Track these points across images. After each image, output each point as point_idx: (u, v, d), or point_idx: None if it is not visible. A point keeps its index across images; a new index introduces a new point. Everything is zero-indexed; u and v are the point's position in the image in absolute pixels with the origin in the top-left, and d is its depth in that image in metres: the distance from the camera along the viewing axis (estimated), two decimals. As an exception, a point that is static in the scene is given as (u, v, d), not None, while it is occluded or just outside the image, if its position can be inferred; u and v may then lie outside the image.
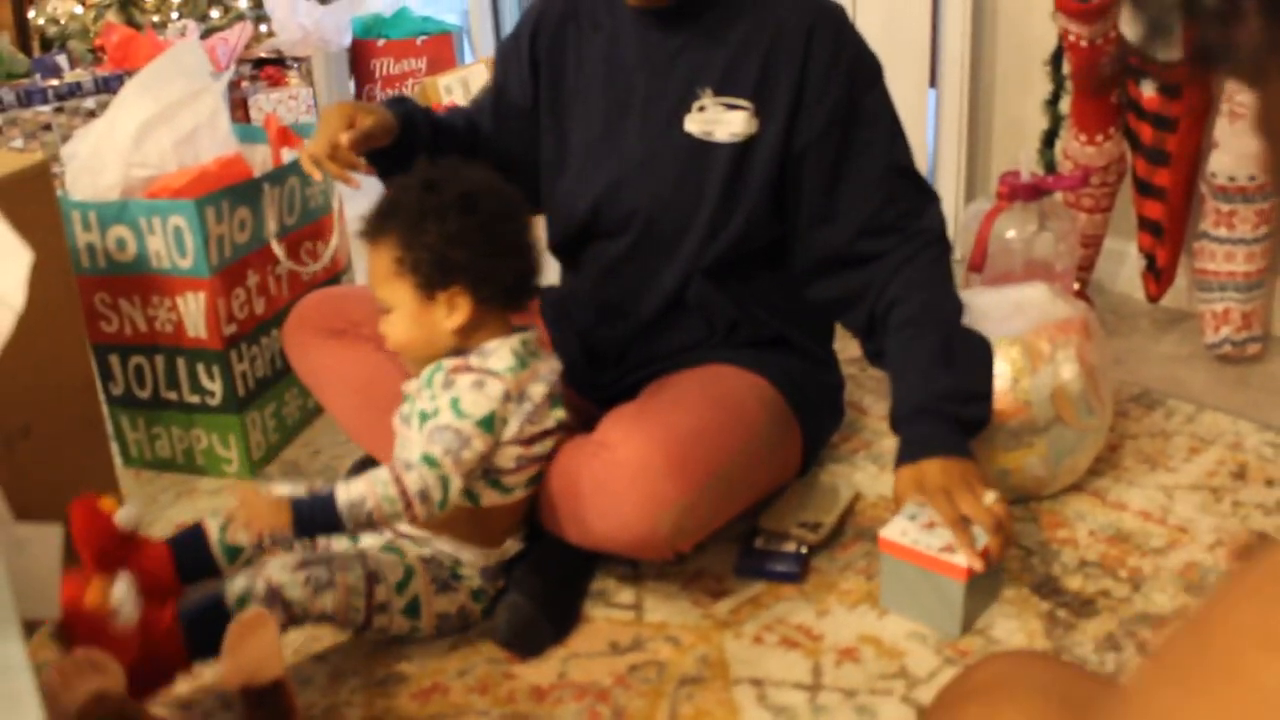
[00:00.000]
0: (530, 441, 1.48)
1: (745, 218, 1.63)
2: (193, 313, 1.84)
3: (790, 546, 1.62)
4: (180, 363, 1.90)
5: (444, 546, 1.49)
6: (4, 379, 1.53)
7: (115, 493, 1.76)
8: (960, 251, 2.64)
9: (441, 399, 1.44)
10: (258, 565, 1.42)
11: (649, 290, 1.69)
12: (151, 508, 1.88)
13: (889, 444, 1.89)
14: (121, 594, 1.30)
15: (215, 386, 1.89)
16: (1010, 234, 2.05)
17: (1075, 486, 1.74)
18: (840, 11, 1.64)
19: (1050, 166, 2.35)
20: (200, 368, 1.89)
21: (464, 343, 1.48)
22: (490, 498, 1.48)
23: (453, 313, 1.45)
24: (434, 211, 1.43)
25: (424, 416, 1.46)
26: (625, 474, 1.42)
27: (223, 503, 1.87)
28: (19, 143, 3.57)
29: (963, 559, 1.42)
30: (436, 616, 1.48)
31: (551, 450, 1.52)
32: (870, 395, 2.06)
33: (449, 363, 1.47)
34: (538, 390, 1.48)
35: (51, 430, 1.61)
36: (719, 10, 1.62)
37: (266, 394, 1.98)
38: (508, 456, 1.46)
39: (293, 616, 1.39)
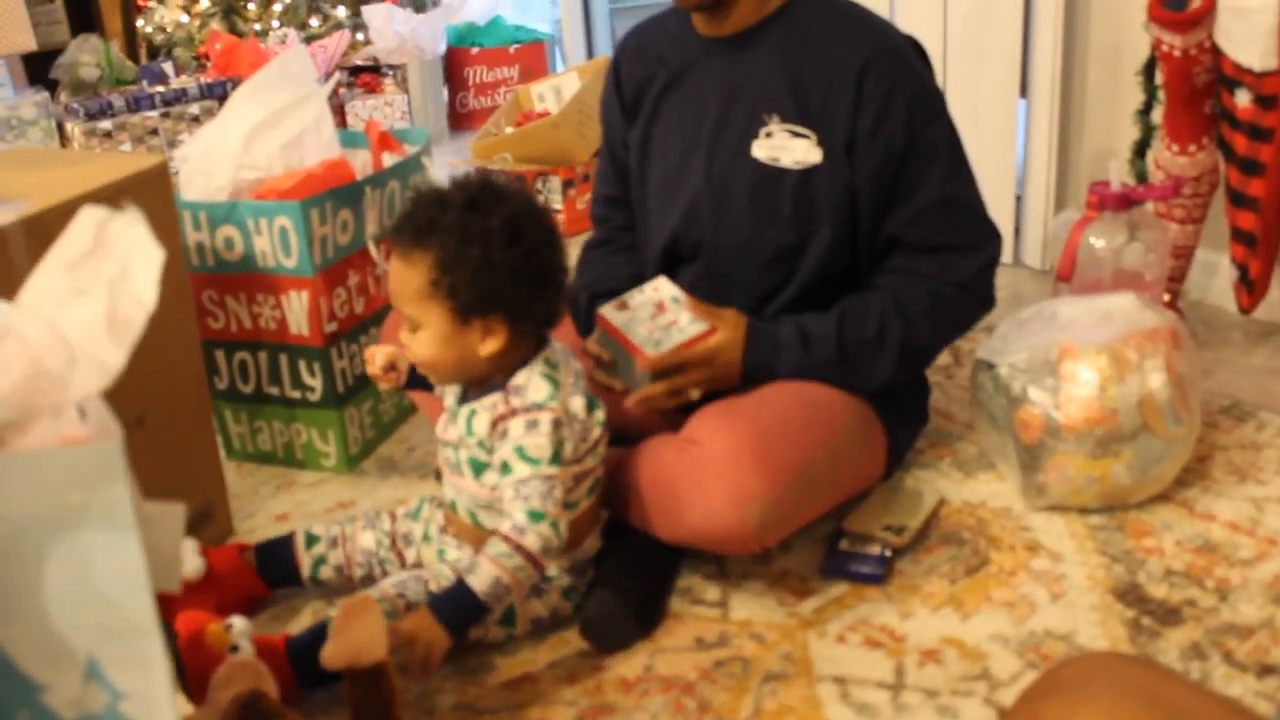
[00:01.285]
0: (582, 458, 1.51)
1: (818, 245, 1.67)
2: (296, 311, 1.91)
3: (875, 549, 1.64)
4: (283, 359, 1.97)
5: None
6: (124, 371, 1.60)
7: (219, 484, 1.83)
8: (1049, 260, 2.64)
9: (504, 451, 1.44)
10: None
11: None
12: (252, 499, 1.95)
13: (973, 451, 1.91)
14: (239, 632, 1.37)
15: (316, 382, 1.96)
16: (1100, 244, 2.05)
17: (1162, 496, 1.74)
18: (899, 47, 1.66)
19: (1141, 177, 2.34)
20: (302, 364, 1.95)
21: (495, 366, 1.47)
22: (565, 517, 1.50)
23: (488, 339, 1.44)
24: (478, 237, 1.39)
25: (476, 465, 1.49)
26: (712, 467, 1.46)
27: (320, 498, 1.94)
28: (127, 146, 3.69)
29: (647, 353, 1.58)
30: (530, 621, 1.52)
31: (601, 453, 1.55)
32: (956, 404, 2.08)
33: (486, 414, 1.47)
34: (577, 403, 1.49)
35: (164, 421, 1.68)
36: (784, 39, 1.66)
37: (364, 391, 2.04)
38: (566, 476, 1.48)
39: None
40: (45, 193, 1.51)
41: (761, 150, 1.66)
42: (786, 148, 1.64)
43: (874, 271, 1.71)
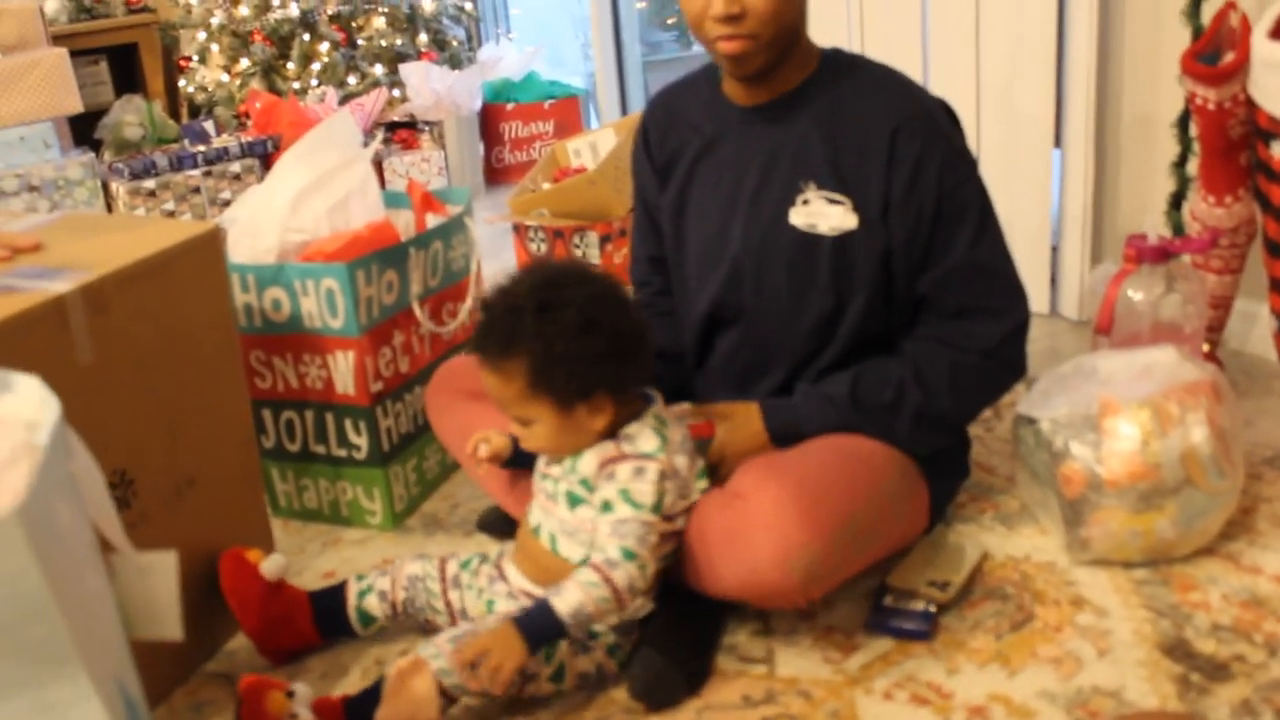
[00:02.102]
0: (674, 517, 1.55)
1: (855, 309, 1.70)
2: (342, 370, 1.94)
3: (919, 604, 1.64)
4: (329, 418, 1.99)
5: None
6: (178, 432, 1.63)
7: (268, 542, 1.86)
8: (1086, 312, 2.65)
9: (608, 491, 1.50)
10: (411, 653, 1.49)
11: (762, 379, 1.77)
12: (299, 557, 1.97)
13: (1016, 505, 1.91)
14: (301, 700, 1.40)
15: (362, 441, 1.98)
16: (1138, 296, 2.06)
17: (1207, 550, 1.73)
18: (929, 110, 1.68)
19: (1178, 228, 2.35)
20: (348, 423, 1.98)
21: (608, 432, 1.54)
22: None
23: (596, 416, 1.51)
24: (558, 334, 1.46)
25: (572, 498, 1.54)
26: (758, 521, 1.48)
27: (366, 554, 1.96)
28: (170, 205, 3.76)
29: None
30: (577, 676, 1.54)
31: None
32: (997, 456, 2.08)
33: (593, 455, 1.53)
34: (682, 462, 1.55)
35: (215, 481, 1.71)
36: (818, 106, 1.68)
37: (409, 449, 2.06)
38: (662, 527, 1.53)
39: (450, 699, 1.45)
40: (102, 260, 1.54)
41: (799, 217, 1.68)
42: (823, 214, 1.67)
43: (904, 337, 1.73)
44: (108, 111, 4.56)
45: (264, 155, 3.92)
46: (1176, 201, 2.36)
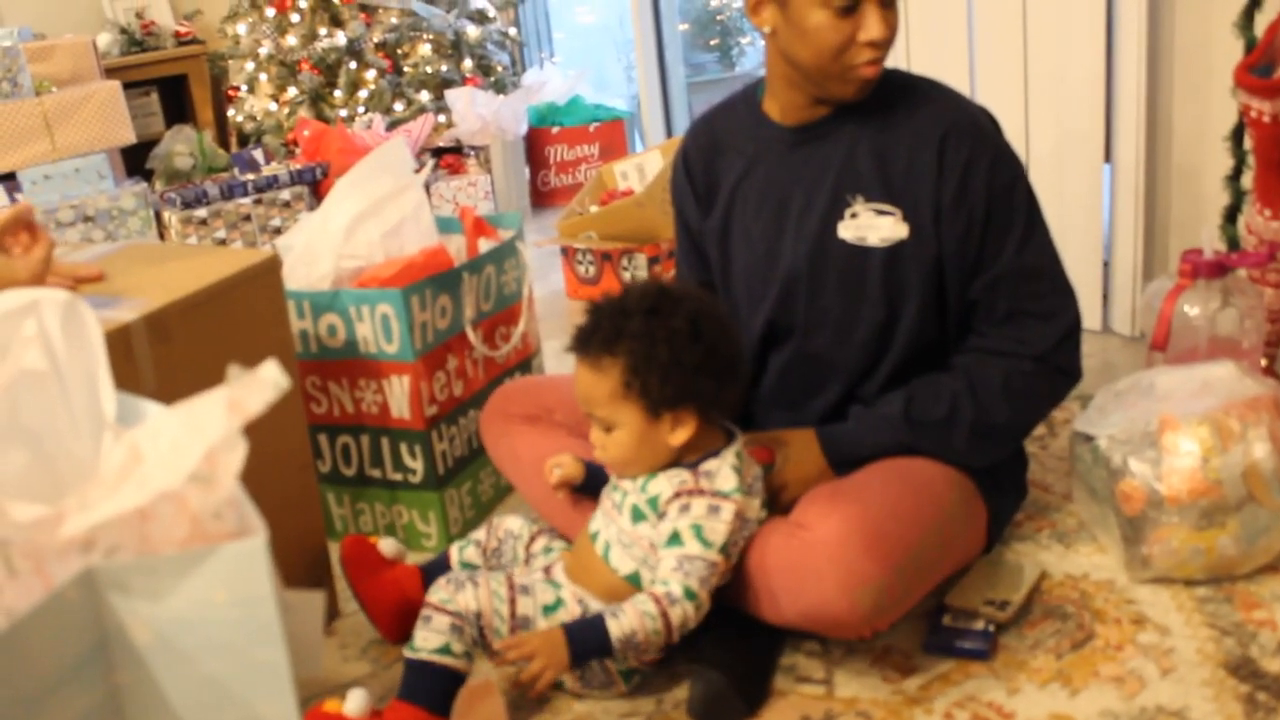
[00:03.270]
0: (733, 555, 1.55)
1: (908, 320, 1.70)
2: (397, 395, 1.96)
3: (979, 624, 1.63)
4: (384, 442, 2.01)
5: (595, 607, 1.57)
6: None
7: (326, 568, 1.87)
8: (1139, 327, 2.62)
9: (680, 523, 1.51)
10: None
11: (818, 396, 1.77)
12: (356, 580, 1.98)
13: (1073, 522, 1.89)
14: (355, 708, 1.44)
15: (417, 465, 2.00)
16: (1194, 312, 2.04)
17: (1271, 567, 1.71)
18: (975, 117, 1.69)
19: (1233, 242, 2.33)
20: (403, 447, 2.00)
21: (685, 455, 1.56)
22: None
23: (678, 429, 1.53)
24: (664, 338, 1.49)
25: (636, 512, 1.55)
26: (824, 553, 1.47)
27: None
28: (222, 233, 3.81)
29: None
30: (580, 679, 1.57)
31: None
32: (1052, 474, 2.06)
33: (667, 481, 1.54)
34: (755, 505, 1.57)
35: (273, 506, 1.70)
36: (862, 120, 1.68)
37: (463, 472, 2.08)
38: (725, 568, 1.55)
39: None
40: (164, 289, 1.57)
41: (848, 231, 1.68)
42: (873, 226, 1.67)
43: (957, 347, 1.73)
44: (159, 142, 4.63)
45: (313, 182, 3.96)
46: (1232, 215, 2.34)
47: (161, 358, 1.52)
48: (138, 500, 0.80)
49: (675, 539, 1.51)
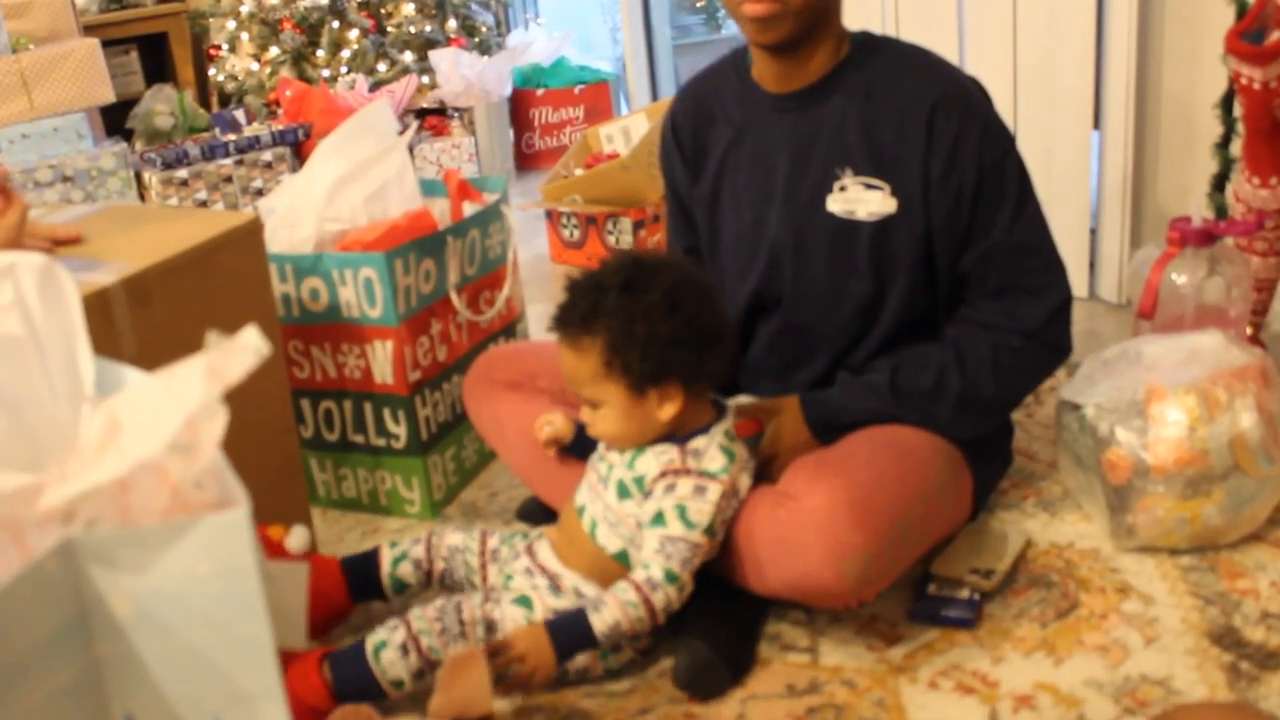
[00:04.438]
0: (718, 533, 1.54)
1: (897, 293, 1.68)
2: (380, 360, 1.94)
3: (964, 593, 1.63)
4: (367, 407, 1.99)
5: (588, 591, 1.55)
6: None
7: (310, 528, 1.86)
8: (1125, 295, 2.62)
9: (664, 503, 1.49)
10: (400, 617, 1.51)
11: (805, 367, 1.77)
12: (338, 546, 1.98)
13: (1058, 490, 1.89)
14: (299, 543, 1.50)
15: (400, 430, 1.98)
16: (1181, 280, 2.04)
17: (1255, 536, 1.71)
18: (965, 88, 1.66)
19: (1221, 210, 2.32)
20: (386, 412, 1.98)
21: (674, 430, 1.53)
22: None
23: (665, 404, 1.50)
24: (641, 313, 1.46)
25: (621, 487, 1.53)
26: (811, 523, 1.46)
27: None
28: (203, 194, 3.77)
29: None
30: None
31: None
32: (1038, 442, 2.06)
33: (655, 459, 1.52)
34: (745, 482, 1.56)
35: (256, 471, 1.69)
36: (851, 91, 1.66)
37: (447, 438, 2.06)
38: (708, 548, 1.53)
39: (429, 664, 1.47)
40: (144, 252, 1.55)
41: (836, 204, 1.67)
42: (861, 200, 1.65)
43: (946, 320, 1.72)
44: (139, 101, 4.59)
45: (295, 143, 3.92)
46: (1220, 183, 2.33)
47: (141, 321, 1.50)
48: (117, 470, 0.79)
49: (659, 519, 1.49)
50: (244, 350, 0.80)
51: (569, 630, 1.45)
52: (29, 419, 1.04)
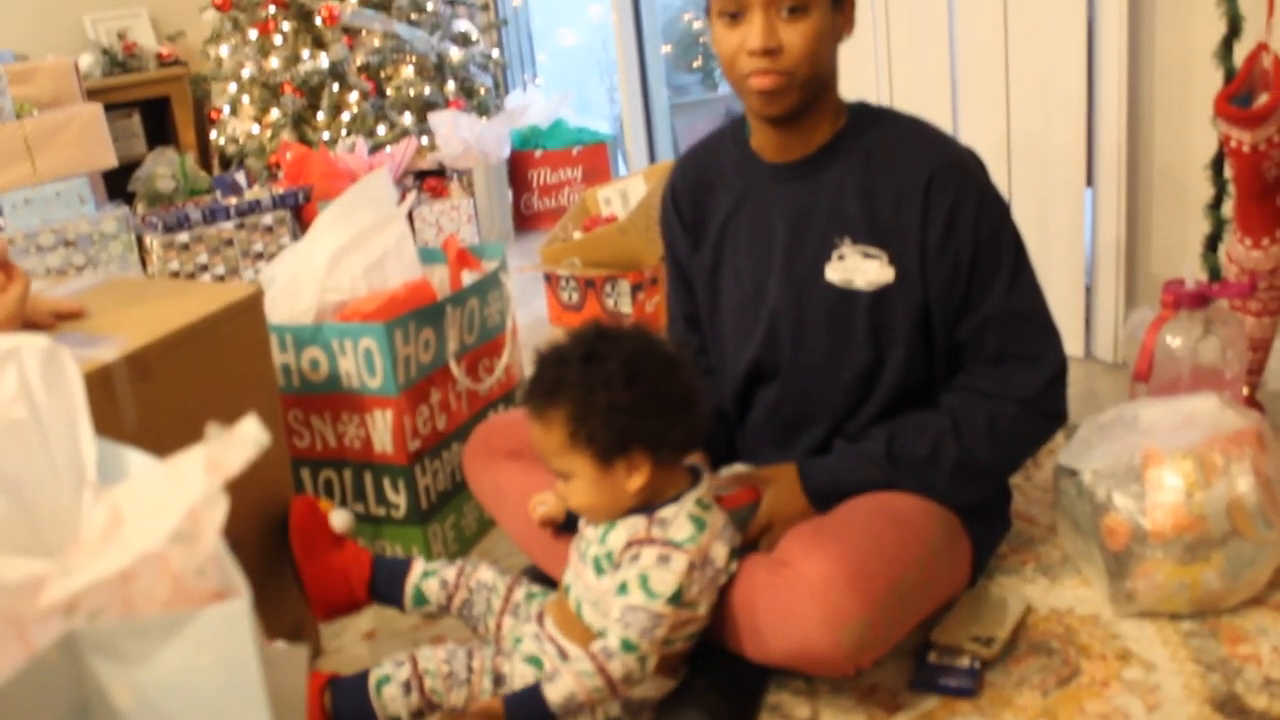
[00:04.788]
0: (698, 603, 1.52)
1: (895, 362, 1.69)
2: (380, 429, 1.95)
3: (964, 661, 1.63)
4: (367, 476, 2.00)
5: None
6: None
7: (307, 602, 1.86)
8: (1121, 355, 2.63)
9: (628, 573, 1.48)
10: (408, 653, 1.54)
11: (804, 435, 1.77)
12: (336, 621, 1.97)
13: (1058, 555, 1.89)
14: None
15: (400, 499, 1.99)
16: (1176, 342, 2.05)
17: (1256, 600, 1.71)
18: (961, 159, 1.68)
19: (1214, 271, 2.34)
20: (386, 481, 1.99)
21: (646, 499, 1.52)
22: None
23: (633, 474, 1.50)
24: (601, 384, 1.46)
25: (598, 564, 1.53)
26: (807, 591, 1.46)
27: (406, 615, 1.96)
28: (204, 257, 3.80)
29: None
30: None
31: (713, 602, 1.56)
32: (1037, 505, 2.06)
33: (625, 531, 1.52)
34: (720, 552, 1.53)
35: (257, 541, 1.72)
36: (849, 161, 1.68)
37: (447, 506, 2.07)
38: (677, 618, 1.50)
39: (430, 705, 1.50)
40: (146, 327, 1.56)
41: (835, 273, 1.68)
42: (859, 269, 1.67)
43: (943, 388, 1.73)
44: (141, 164, 4.62)
45: (295, 207, 3.95)
46: (1212, 243, 2.35)
47: (143, 396, 1.51)
48: (120, 563, 0.79)
49: (623, 588, 1.48)
50: (243, 441, 0.81)
51: (523, 702, 1.44)
52: (31, 501, 1.05)
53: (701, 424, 1.55)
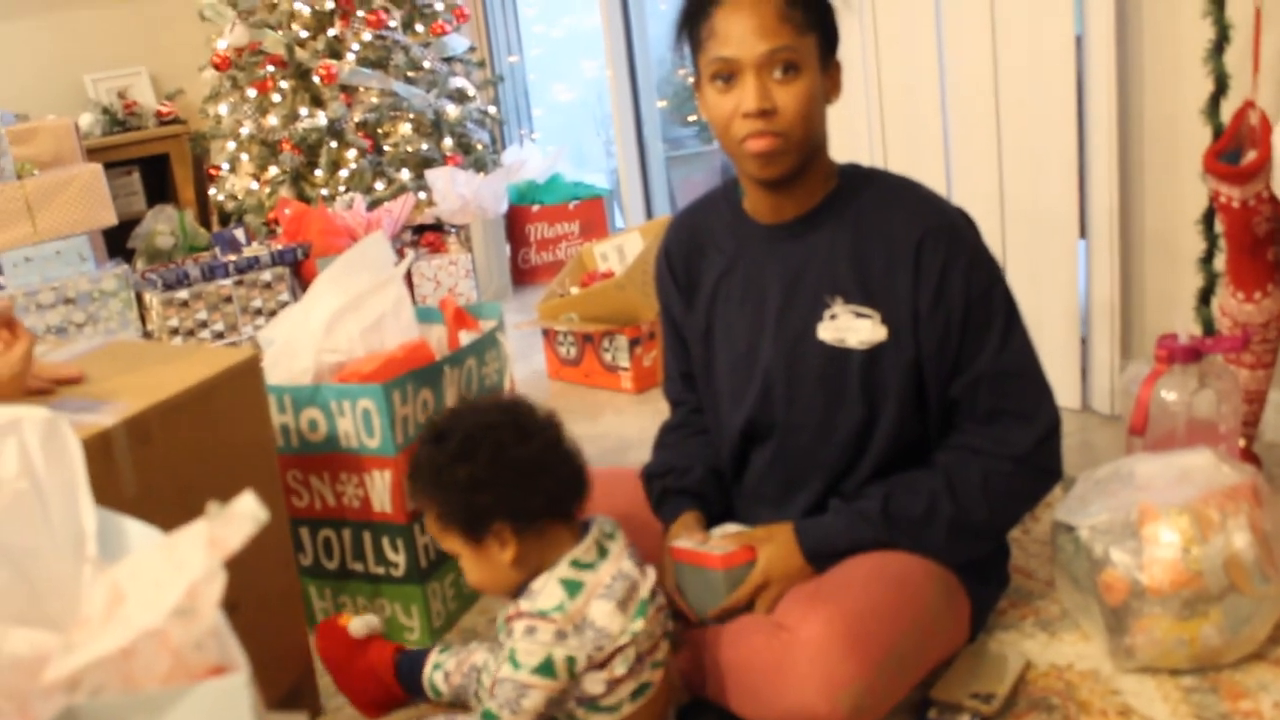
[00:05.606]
0: (607, 662, 1.48)
1: (888, 420, 1.70)
2: (379, 489, 1.95)
3: (964, 718, 1.62)
4: (366, 536, 2.00)
5: None
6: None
7: (307, 660, 1.86)
8: (1117, 406, 2.64)
9: (506, 647, 1.48)
10: None
11: (799, 493, 1.77)
12: (338, 675, 1.97)
13: (1056, 610, 1.89)
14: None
15: (399, 558, 1.99)
16: (1171, 396, 2.06)
17: (1257, 655, 1.71)
18: (952, 220, 1.70)
19: (1208, 325, 2.35)
20: (385, 540, 1.99)
21: (531, 569, 1.50)
22: None
23: (504, 548, 1.49)
24: (445, 464, 1.48)
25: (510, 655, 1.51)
26: (805, 655, 1.46)
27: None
28: (203, 314, 3.81)
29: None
30: None
31: (658, 659, 1.54)
32: (1035, 559, 2.07)
33: (509, 608, 1.51)
34: (600, 610, 1.47)
35: (255, 605, 1.71)
36: (841, 221, 1.69)
37: (446, 565, 2.07)
38: (594, 682, 1.48)
39: None
40: (145, 392, 1.57)
41: (827, 333, 1.69)
42: (851, 328, 1.68)
43: (938, 445, 1.73)
44: (140, 221, 4.66)
45: (294, 263, 3.97)
46: (1205, 297, 2.36)
47: (142, 460, 1.52)
48: (122, 640, 0.80)
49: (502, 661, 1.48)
50: (243, 519, 0.82)
51: None
52: (30, 571, 1.05)
53: (571, 485, 1.53)
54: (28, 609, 1.02)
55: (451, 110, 4.58)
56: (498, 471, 1.47)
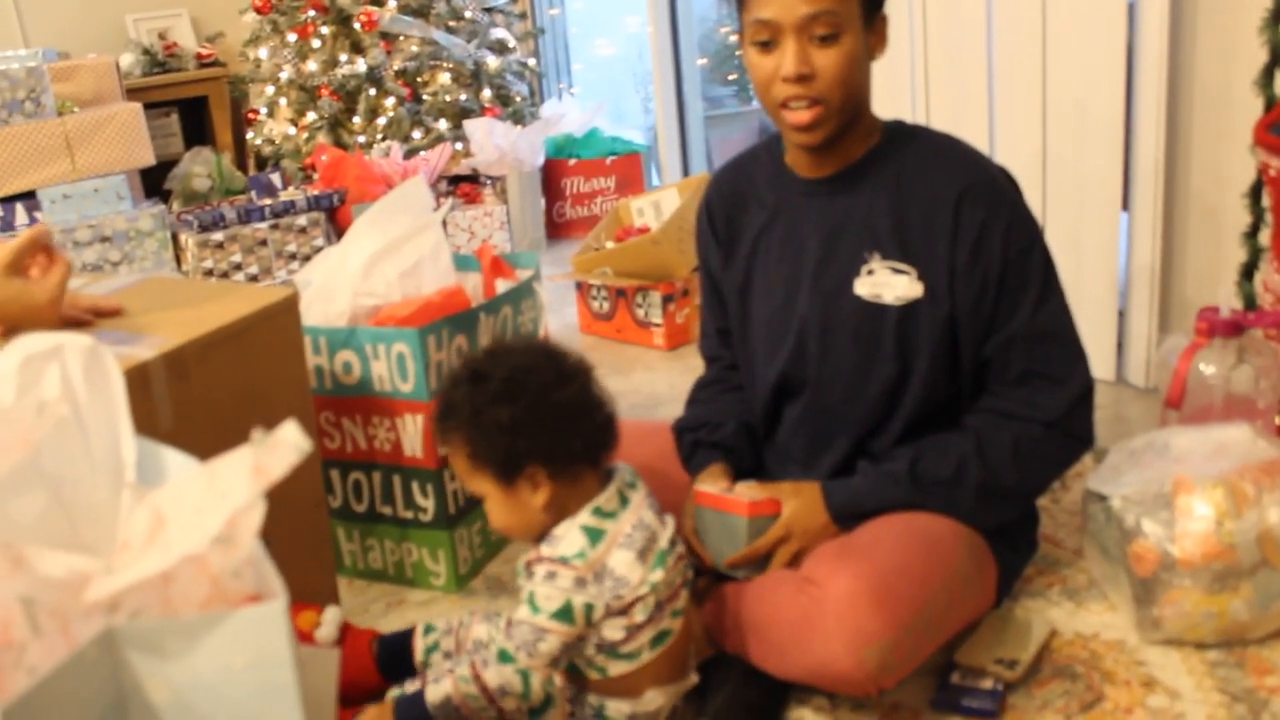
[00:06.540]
0: (628, 609, 1.47)
1: (920, 377, 1.69)
2: (411, 434, 1.96)
3: (987, 683, 1.62)
4: (396, 480, 2.01)
5: (589, 699, 1.54)
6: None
7: (335, 603, 1.87)
8: (1153, 379, 2.62)
9: (525, 590, 1.48)
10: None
11: (828, 451, 1.77)
12: (363, 617, 1.99)
13: (1084, 579, 1.89)
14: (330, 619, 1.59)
15: (428, 503, 2.00)
16: (1209, 370, 2.04)
17: (1283, 632, 1.71)
18: (993, 177, 1.68)
19: (1249, 300, 2.33)
20: (415, 485, 2.00)
21: (560, 514, 1.49)
22: (618, 668, 1.50)
23: (537, 491, 1.48)
24: (486, 403, 1.45)
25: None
26: (832, 610, 1.47)
27: (429, 616, 1.97)
28: (238, 257, 3.82)
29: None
30: None
31: (677, 607, 1.53)
32: (1064, 529, 2.06)
33: (529, 552, 1.51)
34: (620, 559, 1.47)
35: (286, 542, 1.72)
36: (882, 177, 1.68)
37: (474, 512, 2.08)
38: (614, 629, 1.48)
39: None
40: (183, 327, 1.57)
41: (864, 288, 1.68)
42: (889, 284, 1.67)
43: (969, 407, 1.73)
44: (178, 162, 4.66)
45: (330, 209, 3.97)
46: (1249, 272, 2.34)
47: (179, 395, 1.53)
48: (162, 564, 0.81)
49: (520, 605, 1.48)
50: (288, 447, 0.82)
51: (408, 703, 1.48)
52: (70, 497, 1.06)
53: (605, 432, 1.52)
54: (64, 534, 1.03)
55: (491, 61, 4.56)
56: (539, 414, 1.45)
